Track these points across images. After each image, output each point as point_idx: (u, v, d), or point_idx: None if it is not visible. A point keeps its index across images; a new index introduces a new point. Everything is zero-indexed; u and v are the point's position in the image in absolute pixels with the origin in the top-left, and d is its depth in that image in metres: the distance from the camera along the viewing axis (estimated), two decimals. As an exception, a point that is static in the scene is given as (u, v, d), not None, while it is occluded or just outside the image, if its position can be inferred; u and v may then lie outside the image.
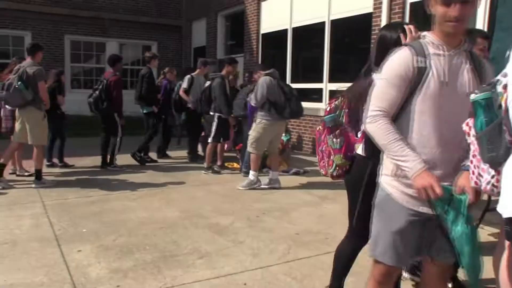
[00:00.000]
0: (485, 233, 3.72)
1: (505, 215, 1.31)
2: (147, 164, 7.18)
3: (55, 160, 6.85)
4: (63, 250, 3.40)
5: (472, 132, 2.18)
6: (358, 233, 2.23)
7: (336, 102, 2.33)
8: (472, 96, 2.07)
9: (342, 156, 2.30)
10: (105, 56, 13.86)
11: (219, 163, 6.82)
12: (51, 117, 5.81)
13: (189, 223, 4.14)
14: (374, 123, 1.76)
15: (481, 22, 5.51)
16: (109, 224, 4.05)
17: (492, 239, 3.63)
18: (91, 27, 13.41)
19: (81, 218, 4.23)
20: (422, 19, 5.34)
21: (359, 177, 2.19)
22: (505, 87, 1.70)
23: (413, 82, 1.72)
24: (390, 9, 6.56)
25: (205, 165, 6.59)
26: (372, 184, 1.96)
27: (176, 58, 14.25)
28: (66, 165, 6.81)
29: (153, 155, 7.60)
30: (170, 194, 5.32)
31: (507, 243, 2.22)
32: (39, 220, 4.16)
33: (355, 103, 2.20)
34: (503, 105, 1.91)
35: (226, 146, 7.23)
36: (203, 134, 7.30)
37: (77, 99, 9.52)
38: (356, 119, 2.21)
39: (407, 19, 6.24)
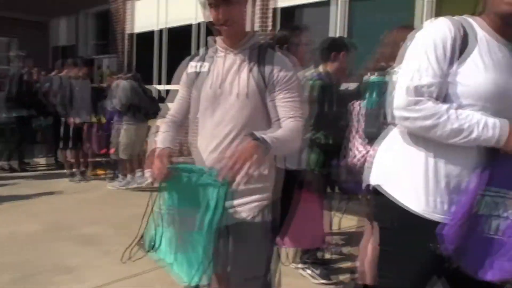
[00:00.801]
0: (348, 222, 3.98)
1: (371, 182, 1.45)
2: (6, 174, 6.39)
3: None
4: None
5: (358, 110, 2.53)
6: None
7: None
8: (371, 78, 2.45)
9: None
10: None
11: (82, 169, 6.33)
12: None
13: (53, 236, 3.76)
14: None
15: (340, 29, 5.94)
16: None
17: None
18: None
19: None
20: (289, 24, 5.67)
21: None
22: None
23: (192, 87, 1.75)
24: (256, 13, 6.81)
25: (68, 172, 6.19)
26: None
27: (40, 57, 12.77)
28: None
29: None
30: (33, 206, 4.78)
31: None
32: None
33: None
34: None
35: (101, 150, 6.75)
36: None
37: None
38: None
39: (278, 24, 6.56)
